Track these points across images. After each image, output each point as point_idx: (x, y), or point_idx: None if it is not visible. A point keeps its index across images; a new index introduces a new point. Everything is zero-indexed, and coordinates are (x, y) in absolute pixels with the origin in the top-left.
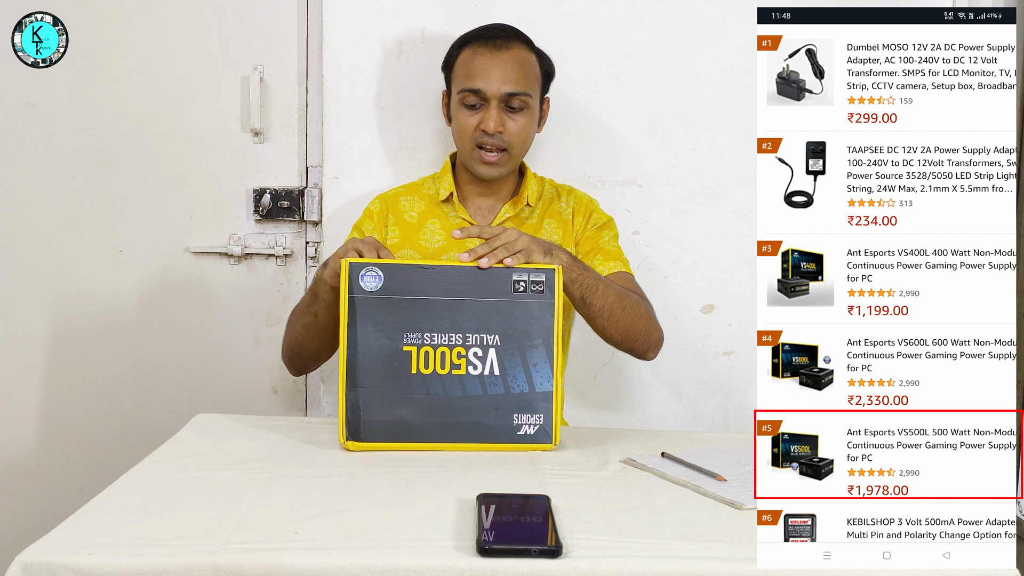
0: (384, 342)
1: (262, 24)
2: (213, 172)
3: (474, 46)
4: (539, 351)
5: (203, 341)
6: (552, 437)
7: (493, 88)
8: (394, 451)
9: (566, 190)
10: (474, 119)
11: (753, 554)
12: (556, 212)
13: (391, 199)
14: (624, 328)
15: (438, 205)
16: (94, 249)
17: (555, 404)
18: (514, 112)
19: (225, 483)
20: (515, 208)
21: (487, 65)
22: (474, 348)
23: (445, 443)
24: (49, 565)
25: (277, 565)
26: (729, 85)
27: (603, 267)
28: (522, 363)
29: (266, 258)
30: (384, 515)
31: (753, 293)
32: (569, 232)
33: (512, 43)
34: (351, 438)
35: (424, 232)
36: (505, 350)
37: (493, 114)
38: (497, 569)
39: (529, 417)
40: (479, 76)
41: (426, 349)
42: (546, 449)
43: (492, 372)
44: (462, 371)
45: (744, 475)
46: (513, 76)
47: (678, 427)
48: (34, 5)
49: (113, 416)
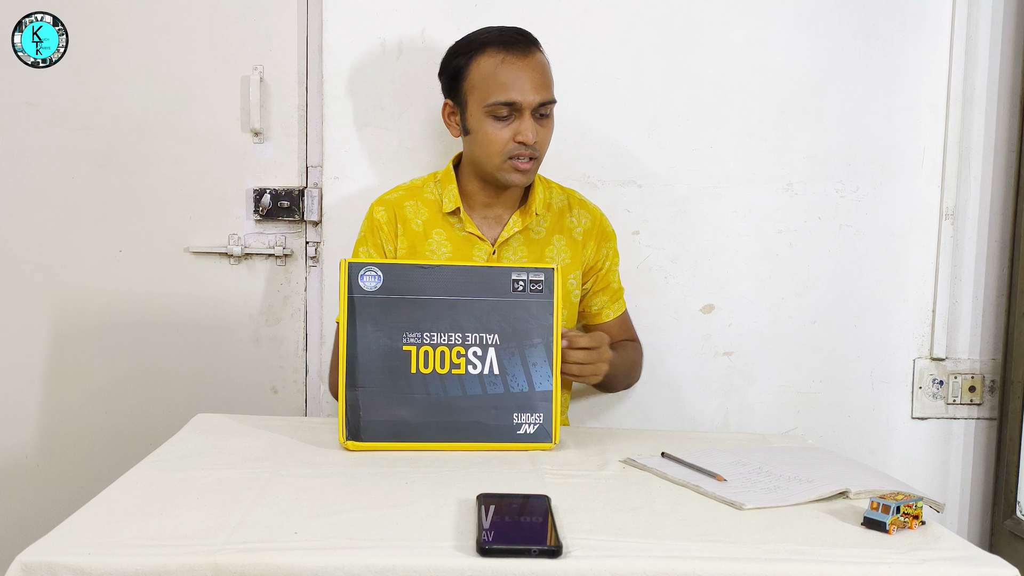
0: (384, 342)
1: (262, 24)
2: (213, 172)
3: (497, 54)
4: (538, 350)
5: (203, 341)
6: (552, 436)
7: (529, 99)
8: (394, 451)
9: (577, 201)
10: (507, 131)
11: (753, 554)
12: (567, 228)
13: (396, 205)
14: (622, 388)
15: (443, 216)
16: (94, 249)
17: (555, 403)
18: (543, 119)
19: (225, 483)
20: (524, 219)
21: (518, 76)
22: (473, 347)
23: (445, 443)
24: (49, 565)
25: (277, 565)
26: (729, 85)
27: (608, 310)
28: (521, 362)
29: (266, 258)
30: (384, 515)
31: (753, 293)
32: (578, 255)
33: (532, 48)
34: (351, 438)
35: (430, 242)
36: (504, 349)
37: (530, 125)
38: (497, 569)
39: (529, 416)
40: (512, 87)
41: (425, 348)
42: (546, 448)
43: (492, 371)
44: (462, 370)
45: (744, 475)
46: (542, 83)
47: (678, 427)
48: (34, 5)
49: (113, 416)
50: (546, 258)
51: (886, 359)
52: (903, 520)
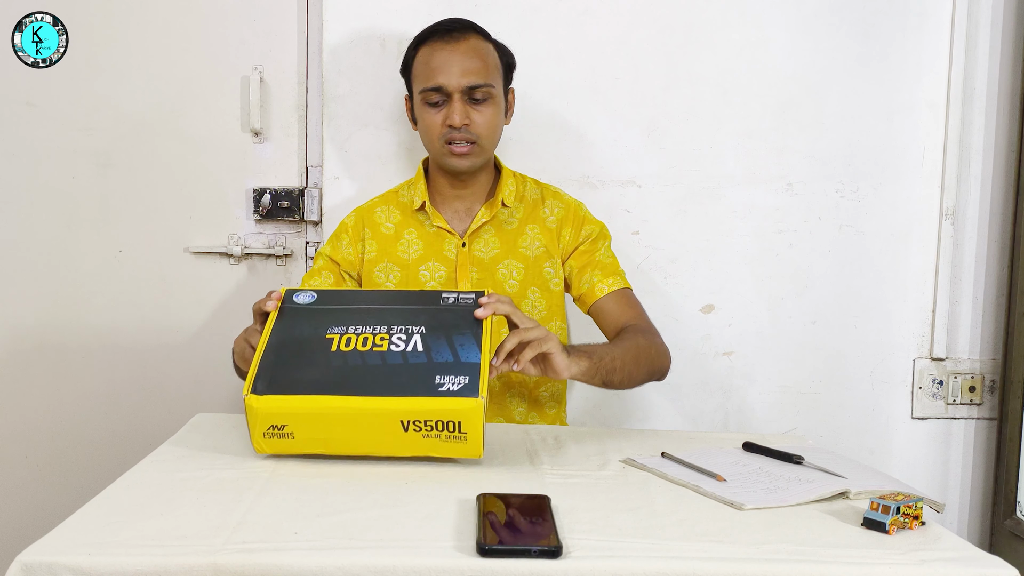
0: (306, 331)
1: (262, 24)
2: (213, 172)
3: (430, 43)
4: (467, 337)
5: (203, 341)
6: (479, 392)
7: (454, 82)
8: (304, 410)
9: (551, 193)
10: (439, 116)
11: (753, 554)
12: (539, 218)
13: (366, 212)
14: (641, 379)
15: (413, 214)
16: (94, 249)
17: (483, 369)
18: (479, 104)
19: (225, 483)
20: (492, 210)
21: (446, 60)
22: (398, 334)
23: (359, 395)
24: (49, 565)
25: (277, 565)
26: (729, 85)
27: (601, 284)
28: (448, 343)
29: (266, 258)
30: (384, 515)
31: (753, 293)
32: (554, 243)
33: (467, 34)
34: (255, 392)
35: (401, 243)
36: (430, 335)
37: (457, 107)
38: (497, 569)
39: (452, 378)
40: (439, 72)
41: (348, 336)
42: (473, 404)
43: (415, 348)
44: (384, 348)
45: (744, 475)
46: (473, 67)
47: (678, 427)
48: (34, 5)
49: (113, 416)
50: (519, 248)
51: (886, 359)
52: (903, 520)
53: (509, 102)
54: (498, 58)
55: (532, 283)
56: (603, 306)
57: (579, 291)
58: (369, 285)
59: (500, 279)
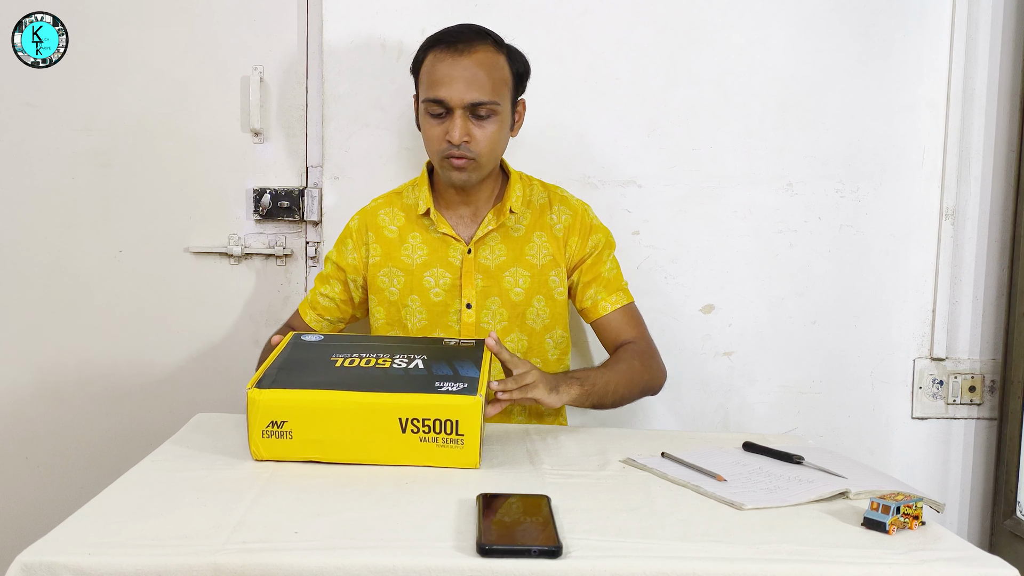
0: (311, 356)
1: (262, 24)
2: (213, 172)
3: (436, 51)
4: (467, 361)
5: (203, 341)
6: (478, 391)
7: (456, 98)
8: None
9: (558, 197)
10: (439, 129)
11: (753, 554)
12: (546, 225)
13: (370, 214)
14: (633, 399)
15: (418, 218)
16: (94, 249)
17: (481, 380)
18: (481, 120)
19: (225, 483)
20: (499, 217)
21: (449, 73)
22: (400, 359)
23: (361, 391)
24: (49, 565)
25: (277, 565)
26: (729, 85)
27: (605, 301)
28: (449, 367)
29: (266, 258)
30: (384, 515)
31: (753, 293)
32: (561, 252)
33: (476, 45)
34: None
35: (405, 247)
36: (432, 360)
37: (458, 124)
38: (497, 569)
39: (452, 384)
40: (441, 85)
41: (352, 358)
42: (472, 403)
43: (417, 367)
44: (386, 366)
45: (744, 475)
46: (477, 83)
47: (678, 427)
48: (34, 5)
49: (113, 416)
50: (526, 255)
51: (886, 359)
52: (903, 520)
53: (517, 114)
54: (508, 69)
55: (538, 291)
56: (606, 323)
57: (583, 304)
58: (375, 289)
59: (506, 287)
